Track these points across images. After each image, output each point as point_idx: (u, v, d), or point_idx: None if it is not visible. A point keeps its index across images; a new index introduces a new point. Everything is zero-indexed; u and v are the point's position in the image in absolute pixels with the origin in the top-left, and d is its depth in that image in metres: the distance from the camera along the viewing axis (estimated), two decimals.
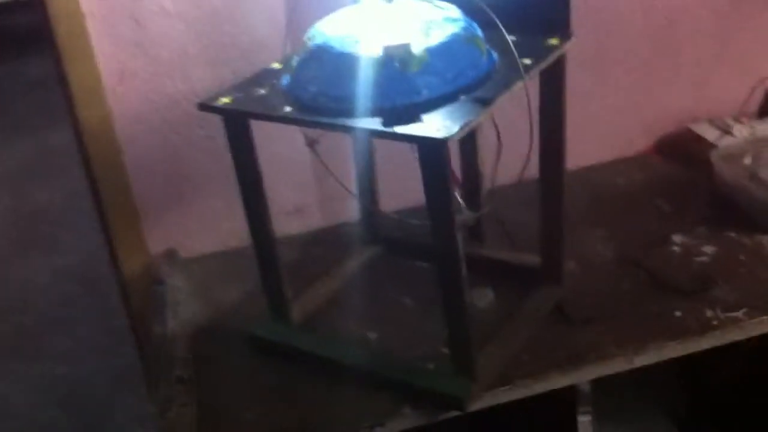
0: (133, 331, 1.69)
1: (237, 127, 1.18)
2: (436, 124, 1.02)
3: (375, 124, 1.05)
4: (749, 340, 1.26)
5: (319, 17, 1.21)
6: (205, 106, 1.16)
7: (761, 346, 1.33)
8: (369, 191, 1.51)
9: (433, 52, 1.09)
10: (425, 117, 1.04)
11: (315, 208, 1.71)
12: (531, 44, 1.19)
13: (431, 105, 1.07)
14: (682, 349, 1.24)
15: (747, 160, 1.55)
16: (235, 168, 1.23)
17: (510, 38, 1.21)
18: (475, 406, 1.18)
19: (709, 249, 1.44)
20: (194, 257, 1.62)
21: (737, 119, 1.73)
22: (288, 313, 1.35)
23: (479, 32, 1.16)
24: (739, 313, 1.27)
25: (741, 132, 1.67)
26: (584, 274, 1.42)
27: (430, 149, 1.02)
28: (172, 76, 1.51)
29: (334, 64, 1.11)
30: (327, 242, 1.64)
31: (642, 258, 1.44)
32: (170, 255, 1.59)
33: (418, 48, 1.08)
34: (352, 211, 1.64)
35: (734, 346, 1.27)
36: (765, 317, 1.26)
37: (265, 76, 1.23)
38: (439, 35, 1.11)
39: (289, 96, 1.15)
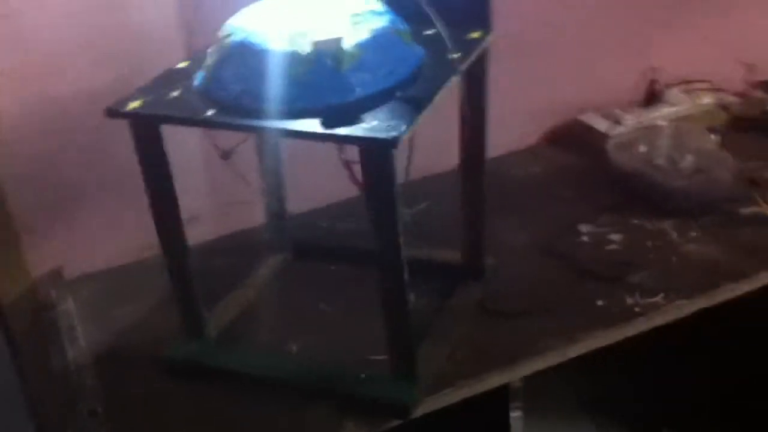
0: (14, 362, 1.52)
1: (148, 133, 1.08)
2: (380, 125, 0.97)
3: (314, 126, 0.98)
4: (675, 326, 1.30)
5: (225, 9, 1.13)
6: (114, 112, 1.05)
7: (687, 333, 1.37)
8: (276, 194, 1.43)
9: (365, 48, 1.04)
10: (364, 117, 0.99)
11: (211, 216, 1.60)
12: (453, 38, 1.16)
13: (367, 104, 1.01)
14: (611, 338, 1.26)
15: (642, 148, 1.60)
16: (145, 178, 1.12)
17: (431, 31, 1.19)
18: (420, 411, 1.14)
19: (616, 236, 1.47)
20: (80, 277, 1.48)
21: (624, 108, 1.78)
22: (204, 331, 1.25)
23: (405, 26, 1.12)
24: (658, 298, 1.30)
25: (630, 121, 1.73)
26: (502, 267, 1.41)
27: (377, 151, 0.97)
28: (51, 75, 1.36)
29: (258, 61, 1.02)
30: (228, 251, 1.54)
31: (555, 248, 1.45)
32: (55, 276, 1.44)
33: (349, 43, 1.03)
34: (250, 216, 1.56)
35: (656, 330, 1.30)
36: (683, 301, 1.30)
37: (172, 77, 1.14)
38: (368, 29, 1.06)
39: (207, 97, 1.06)
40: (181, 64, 1.17)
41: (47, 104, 1.38)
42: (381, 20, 1.08)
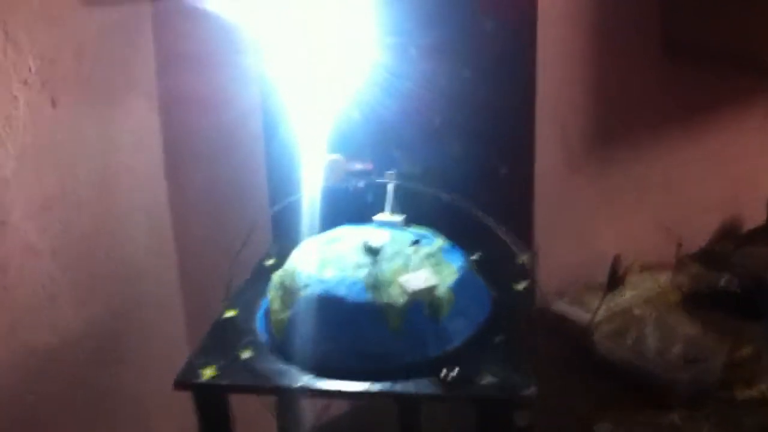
0: None
1: (217, 401, 0.95)
2: (501, 381, 0.90)
3: (431, 387, 0.90)
4: None
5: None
6: (188, 385, 0.92)
7: None
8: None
9: (456, 291, 0.98)
10: (476, 369, 0.92)
11: None
12: (504, 263, 1.14)
13: (469, 353, 0.95)
14: None
15: (629, 339, 1.62)
16: None
17: (476, 255, 1.16)
18: None
19: None
20: None
21: (590, 293, 1.81)
22: None
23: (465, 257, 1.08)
24: None
25: (601, 308, 1.75)
26: None
27: (499, 411, 0.90)
28: (33, 324, 1.19)
29: (348, 315, 0.94)
30: None
31: None
32: None
33: (441, 288, 0.97)
34: None
35: None
36: None
37: (227, 330, 1.02)
38: (451, 271, 1.01)
39: (286, 356, 0.95)
40: (229, 313, 1.05)
41: (26, 355, 1.19)
42: (455, 258, 1.04)
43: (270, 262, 1.19)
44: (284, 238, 1.19)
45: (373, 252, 1.00)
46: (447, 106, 1.17)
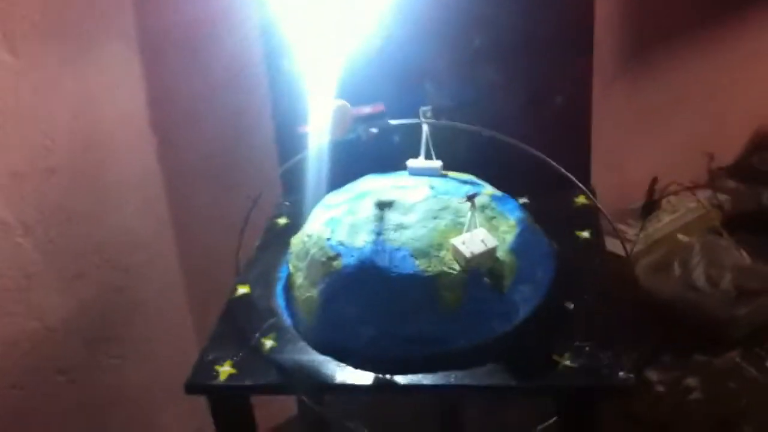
0: None
1: (239, 403, 0.78)
2: (585, 362, 0.74)
3: (502, 376, 0.73)
4: None
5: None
6: (202, 387, 0.75)
7: None
8: None
9: (518, 252, 0.81)
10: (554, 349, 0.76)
11: None
12: (561, 205, 0.97)
13: (540, 326, 0.79)
14: None
15: (677, 270, 1.46)
16: None
17: (523, 200, 0.98)
18: None
19: (692, 381, 1.31)
20: None
21: (624, 222, 1.65)
22: None
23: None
24: None
25: (639, 236, 1.59)
26: None
27: (588, 401, 0.74)
28: (13, 310, 1.01)
29: (391, 290, 0.77)
30: None
31: (632, 407, 1.27)
32: None
33: (501, 250, 0.80)
34: None
35: None
36: None
37: (243, 309, 0.85)
38: (509, 226, 0.83)
39: (318, 343, 0.78)
40: (242, 289, 0.88)
41: (8, 346, 1.02)
42: (511, 209, 0.86)
43: (283, 221, 1.01)
44: (297, 190, 1.00)
45: (382, 207, 0.82)
46: (485, 27, 0.97)
